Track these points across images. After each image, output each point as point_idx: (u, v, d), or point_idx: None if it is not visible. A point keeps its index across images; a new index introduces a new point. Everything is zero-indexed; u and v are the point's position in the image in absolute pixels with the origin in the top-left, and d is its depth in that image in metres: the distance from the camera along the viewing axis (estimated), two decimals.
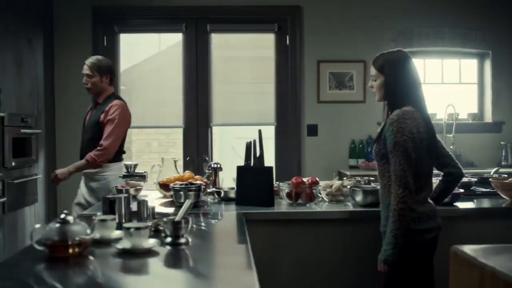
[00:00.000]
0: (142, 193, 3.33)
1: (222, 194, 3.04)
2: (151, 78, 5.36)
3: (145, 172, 3.40)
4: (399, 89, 2.41)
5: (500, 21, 5.29)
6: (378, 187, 2.87)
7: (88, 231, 1.85)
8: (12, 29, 4.17)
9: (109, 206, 2.33)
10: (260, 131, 2.97)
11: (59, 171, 3.70)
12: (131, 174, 3.37)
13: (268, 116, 5.27)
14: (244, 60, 5.34)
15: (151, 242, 1.89)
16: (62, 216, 1.84)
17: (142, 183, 3.33)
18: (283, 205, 2.90)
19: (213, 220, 2.58)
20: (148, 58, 5.71)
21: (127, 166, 3.37)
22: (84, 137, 3.82)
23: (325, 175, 3.79)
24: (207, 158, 4.97)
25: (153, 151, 6.89)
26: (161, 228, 2.09)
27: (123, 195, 2.36)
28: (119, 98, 3.87)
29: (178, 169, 3.47)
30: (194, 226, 2.33)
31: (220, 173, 3.40)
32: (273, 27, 5.19)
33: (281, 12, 5.19)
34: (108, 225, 2.03)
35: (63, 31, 5.08)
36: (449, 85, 5.50)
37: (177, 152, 6.92)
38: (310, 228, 2.72)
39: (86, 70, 3.80)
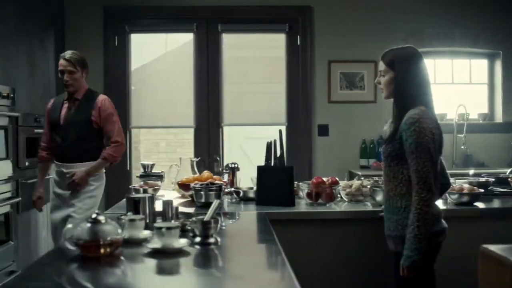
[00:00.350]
0: (160, 193, 3.33)
1: (241, 194, 3.04)
2: (161, 78, 5.36)
3: (162, 172, 3.40)
4: (409, 87, 2.31)
5: (510, 21, 5.29)
6: None
7: (119, 230, 1.85)
8: (25, 29, 4.18)
9: (134, 206, 2.32)
10: (280, 131, 2.97)
11: (77, 177, 3.39)
12: (148, 174, 3.37)
13: (279, 116, 5.27)
14: (255, 60, 5.34)
15: (182, 242, 1.89)
16: (94, 215, 1.84)
17: (159, 182, 3.33)
18: (304, 205, 2.90)
19: (236, 220, 2.57)
20: (158, 58, 5.71)
21: (144, 166, 3.37)
22: (66, 136, 3.45)
23: (336, 175, 3.76)
24: (218, 158, 4.97)
25: (162, 151, 6.89)
26: (188, 228, 2.09)
27: (147, 195, 2.37)
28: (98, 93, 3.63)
29: (190, 169, 3.44)
30: None
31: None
32: (284, 27, 5.19)
33: (292, 12, 5.19)
34: (136, 225, 2.02)
35: (74, 31, 5.08)
36: (459, 85, 5.50)
37: (185, 152, 6.93)
38: (331, 228, 2.72)
39: (68, 66, 3.44)
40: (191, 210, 2.76)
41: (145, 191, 3.10)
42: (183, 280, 1.69)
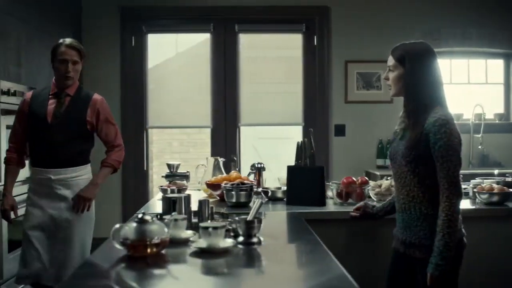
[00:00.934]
0: (186, 192, 3.33)
1: (270, 194, 3.04)
2: (177, 78, 5.37)
3: (187, 172, 3.41)
4: (421, 86, 2.17)
5: None
6: None
7: (166, 230, 1.85)
8: (47, 30, 4.19)
9: (171, 206, 2.33)
10: (311, 131, 2.97)
11: (86, 193, 2.96)
12: (174, 174, 3.37)
13: (296, 116, 5.28)
14: (272, 60, 5.35)
15: (228, 242, 1.89)
16: (140, 215, 1.85)
17: (185, 182, 3.34)
18: (334, 205, 2.90)
19: (270, 220, 2.57)
20: (173, 58, 5.72)
21: (170, 166, 3.37)
22: (55, 136, 2.94)
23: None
24: (235, 158, 4.97)
25: (175, 151, 6.89)
26: (229, 227, 2.09)
27: (183, 195, 2.38)
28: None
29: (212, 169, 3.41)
30: None
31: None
32: (301, 27, 5.20)
33: (309, 12, 5.20)
34: (179, 225, 2.03)
35: (91, 31, 5.09)
36: (475, 85, 5.50)
37: (198, 152, 6.93)
38: (363, 227, 2.72)
39: (74, 55, 2.97)
40: (222, 209, 2.75)
41: (173, 191, 3.12)
42: (234, 280, 1.68)
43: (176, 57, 5.68)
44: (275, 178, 3.50)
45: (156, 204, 3.03)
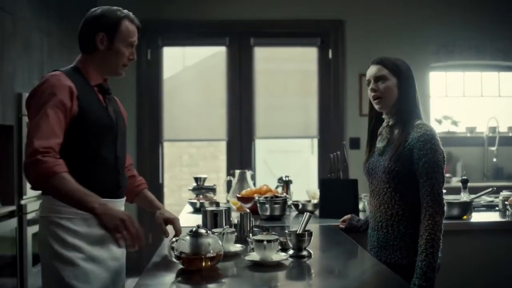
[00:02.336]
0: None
1: (300, 207, 3.04)
2: (193, 91, 5.38)
3: (214, 185, 3.40)
4: (414, 99, 2.17)
5: None
6: (464, 198, 2.89)
7: (220, 243, 1.85)
8: (66, 43, 4.19)
9: (212, 219, 2.32)
10: (344, 144, 2.98)
11: (174, 218, 2.16)
12: (201, 187, 3.37)
13: (311, 129, 5.30)
14: (287, 73, 5.38)
15: (281, 255, 1.89)
16: (194, 229, 1.84)
17: (212, 195, 3.34)
18: None
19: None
20: (189, 70, 5.74)
21: (197, 179, 3.37)
22: (118, 150, 2.06)
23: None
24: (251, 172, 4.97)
25: (184, 164, 6.89)
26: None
27: (224, 208, 2.37)
28: None
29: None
30: None
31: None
32: (316, 41, 5.24)
33: (324, 26, 5.24)
34: (229, 238, 2.02)
35: None
36: (488, 98, 5.54)
37: (208, 165, 6.93)
38: None
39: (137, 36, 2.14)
40: (255, 222, 2.75)
41: (202, 204, 3.12)
42: None
43: (190, 70, 5.70)
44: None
45: (186, 218, 3.02)
